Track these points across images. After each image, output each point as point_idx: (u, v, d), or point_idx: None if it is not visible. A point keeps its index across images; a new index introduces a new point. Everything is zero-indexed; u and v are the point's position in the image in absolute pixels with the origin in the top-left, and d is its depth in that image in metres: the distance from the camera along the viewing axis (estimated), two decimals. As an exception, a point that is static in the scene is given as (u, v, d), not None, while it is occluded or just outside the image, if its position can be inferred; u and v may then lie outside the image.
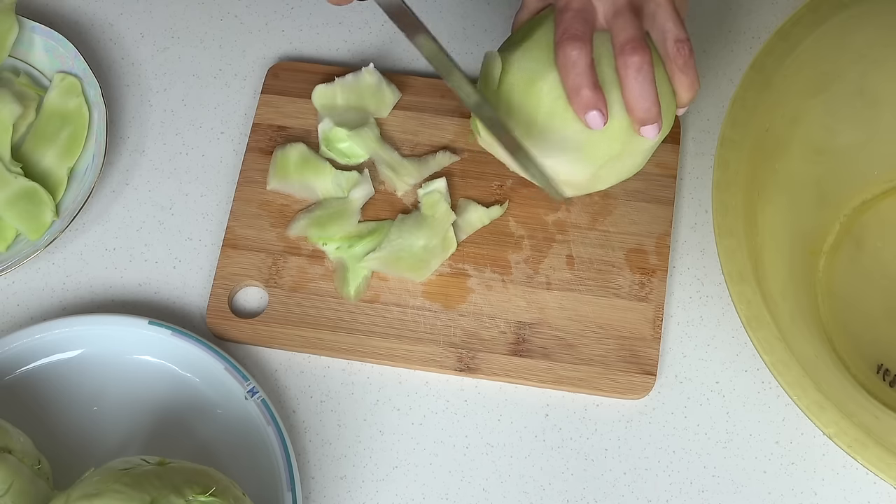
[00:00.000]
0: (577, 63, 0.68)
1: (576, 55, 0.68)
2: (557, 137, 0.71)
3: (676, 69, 0.70)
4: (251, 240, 0.82)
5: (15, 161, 0.84)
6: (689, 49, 0.70)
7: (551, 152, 0.72)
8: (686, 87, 0.71)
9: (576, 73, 0.68)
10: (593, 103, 0.68)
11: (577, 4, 0.70)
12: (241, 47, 0.91)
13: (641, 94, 0.69)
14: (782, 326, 0.65)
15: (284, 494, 0.72)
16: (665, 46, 0.70)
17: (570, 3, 0.70)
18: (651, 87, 0.69)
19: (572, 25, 0.69)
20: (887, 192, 0.80)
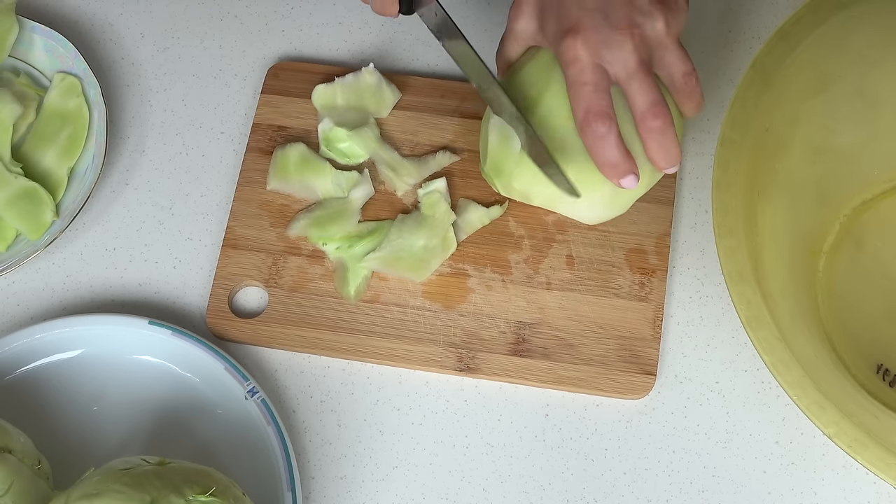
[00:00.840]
0: (608, 139, 0.68)
1: (605, 131, 0.68)
2: (586, 200, 0.74)
3: (684, 97, 0.72)
4: (251, 240, 0.82)
5: (15, 161, 0.84)
6: (695, 78, 0.71)
7: (581, 210, 0.75)
8: (691, 108, 0.73)
9: (608, 149, 0.69)
10: (629, 170, 0.70)
11: (590, 76, 0.68)
12: (241, 47, 0.91)
13: (666, 152, 0.70)
14: (782, 326, 0.65)
15: (284, 494, 0.72)
16: (673, 81, 0.71)
17: (583, 74, 0.68)
18: (674, 143, 0.70)
19: (594, 101, 0.68)
20: (887, 192, 0.80)
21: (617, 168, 0.70)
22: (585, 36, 0.68)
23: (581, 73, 0.68)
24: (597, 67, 0.68)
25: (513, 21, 0.74)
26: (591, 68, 0.68)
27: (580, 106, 0.69)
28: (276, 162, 0.84)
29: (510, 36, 0.75)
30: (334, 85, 0.85)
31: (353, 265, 0.80)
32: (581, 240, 0.81)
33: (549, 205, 0.76)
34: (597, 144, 0.69)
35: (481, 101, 0.85)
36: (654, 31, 0.69)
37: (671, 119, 0.69)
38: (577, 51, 0.68)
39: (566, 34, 0.69)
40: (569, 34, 0.68)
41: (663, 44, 0.70)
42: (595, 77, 0.68)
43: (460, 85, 0.86)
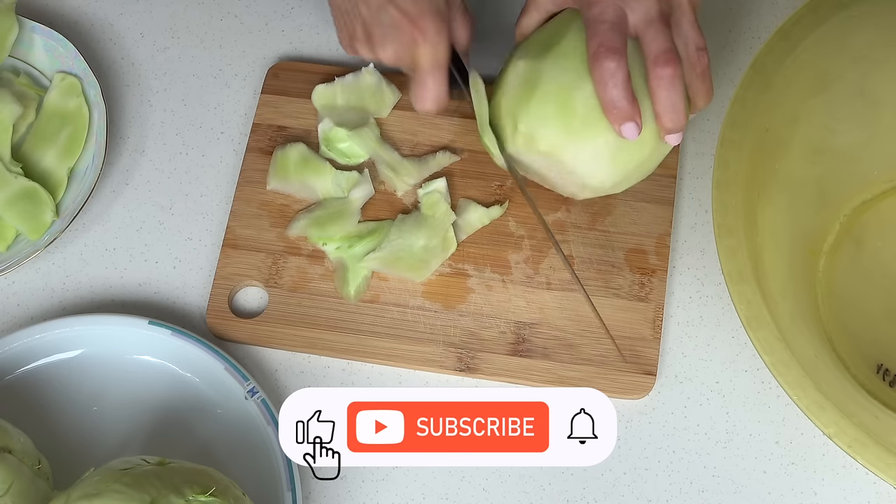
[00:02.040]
0: (616, 76, 0.68)
1: (614, 67, 0.68)
2: (590, 145, 0.71)
3: (695, 76, 0.71)
4: (251, 240, 0.82)
5: (15, 161, 0.84)
6: (707, 58, 0.71)
7: (583, 159, 0.72)
8: (702, 95, 0.72)
9: (613, 86, 0.68)
10: (630, 115, 0.69)
11: (611, 15, 0.69)
12: (241, 47, 0.91)
13: (672, 106, 0.70)
14: (782, 326, 0.65)
15: (284, 494, 0.72)
16: (687, 53, 0.71)
17: (603, 13, 0.69)
18: (681, 99, 0.69)
19: (608, 37, 0.68)
20: (887, 192, 0.80)
21: (620, 110, 0.69)
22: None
23: (602, 13, 0.69)
24: (618, 9, 0.69)
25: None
26: (613, 9, 0.69)
27: (594, 40, 0.69)
28: (276, 162, 0.84)
29: (530, 4, 0.75)
30: (334, 85, 0.85)
31: (353, 265, 0.80)
32: (581, 240, 0.81)
33: (555, 149, 0.72)
34: (604, 80, 0.69)
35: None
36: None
37: (681, 71, 0.69)
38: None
39: None
40: None
41: (683, 7, 0.70)
42: (614, 17, 0.69)
43: (460, 85, 0.86)
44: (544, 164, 0.74)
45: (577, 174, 0.73)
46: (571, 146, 0.71)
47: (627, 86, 0.68)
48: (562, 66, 0.71)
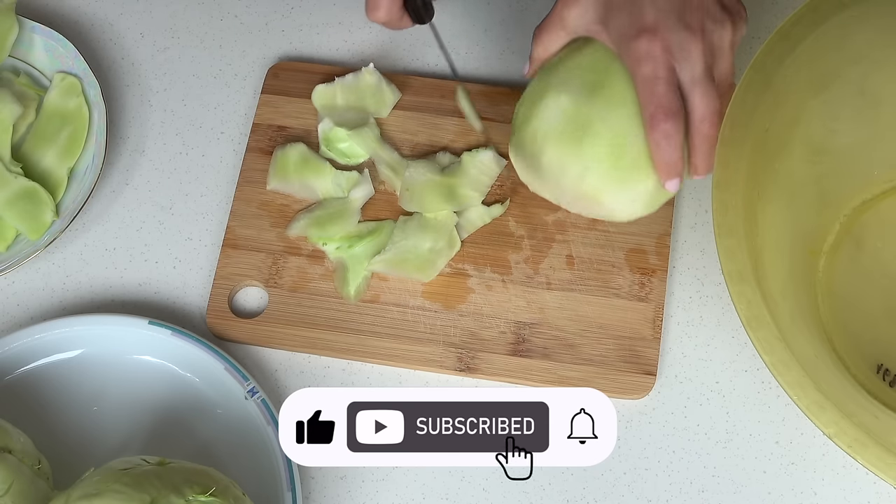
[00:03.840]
0: (673, 138, 0.69)
1: (672, 130, 0.69)
2: (632, 191, 0.72)
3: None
4: (251, 240, 0.82)
5: (15, 161, 0.84)
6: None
7: (621, 201, 0.73)
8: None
9: (670, 148, 0.69)
10: (679, 173, 0.70)
11: (664, 73, 0.68)
12: (241, 47, 0.91)
13: (710, 163, 0.70)
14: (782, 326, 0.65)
15: (284, 494, 0.72)
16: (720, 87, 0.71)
17: (657, 72, 0.68)
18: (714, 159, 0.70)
19: (666, 100, 0.68)
20: (887, 192, 0.80)
21: (672, 168, 0.70)
22: (663, 36, 0.68)
23: (655, 71, 0.68)
24: (669, 67, 0.69)
25: (565, 9, 0.73)
26: (665, 68, 0.69)
27: (652, 102, 0.69)
28: (276, 162, 0.84)
29: (558, 23, 0.74)
30: (334, 85, 0.85)
31: (353, 265, 0.80)
32: (581, 240, 0.81)
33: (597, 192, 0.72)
34: (662, 142, 0.69)
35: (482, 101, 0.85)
36: (721, 40, 0.70)
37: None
38: (653, 50, 0.68)
39: (641, 33, 0.68)
40: (645, 33, 0.68)
41: (724, 53, 0.70)
42: (668, 75, 0.69)
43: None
44: (576, 198, 0.74)
45: (606, 210, 0.74)
46: (614, 191, 0.72)
47: (682, 146, 0.69)
48: (613, 113, 0.71)
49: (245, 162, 0.85)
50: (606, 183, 0.72)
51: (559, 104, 0.71)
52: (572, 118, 0.71)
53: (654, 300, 0.79)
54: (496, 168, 0.83)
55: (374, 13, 0.74)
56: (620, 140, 0.70)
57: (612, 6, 0.71)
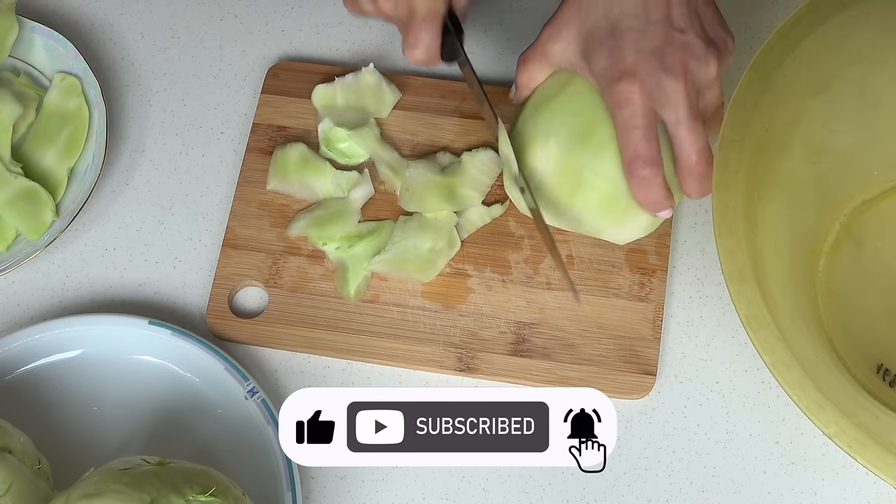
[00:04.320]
0: (653, 182, 0.70)
1: (650, 175, 0.69)
2: (630, 226, 0.75)
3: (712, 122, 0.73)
4: (251, 240, 0.82)
5: (15, 161, 0.84)
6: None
7: (621, 234, 0.76)
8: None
9: (651, 191, 0.70)
10: (668, 205, 0.72)
11: (642, 121, 0.68)
12: (241, 47, 0.91)
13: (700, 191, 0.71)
14: (782, 326, 0.65)
15: (284, 494, 0.72)
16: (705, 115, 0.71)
17: (634, 118, 0.68)
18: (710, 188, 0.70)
19: (643, 148, 0.69)
20: (887, 192, 0.80)
21: (658, 205, 0.71)
22: (642, 81, 0.68)
23: (633, 117, 0.68)
24: (649, 112, 0.68)
25: (549, 42, 0.73)
26: (643, 113, 0.68)
27: (629, 149, 0.69)
28: (276, 162, 0.84)
29: (541, 56, 0.74)
30: (334, 85, 0.85)
31: (354, 265, 0.80)
32: (581, 240, 0.81)
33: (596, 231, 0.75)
34: (642, 187, 0.70)
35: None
36: (706, 76, 0.69)
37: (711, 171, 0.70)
38: (632, 95, 0.68)
39: (622, 76, 0.68)
40: (625, 77, 0.68)
41: (710, 86, 0.70)
42: (646, 122, 0.68)
43: (460, 85, 0.86)
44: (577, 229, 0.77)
45: (606, 238, 0.77)
46: (612, 229, 0.75)
47: (664, 184, 0.70)
48: (603, 159, 0.71)
49: (245, 162, 0.85)
50: (604, 225, 0.74)
51: (548, 150, 0.73)
52: (563, 169, 0.73)
53: (654, 300, 0.79)
54: (496, 168, 0.83)
55: (412, 52, 0.75)
56: (611, 189, 0.72)
57: (593, 43, 0.70)
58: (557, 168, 0.73)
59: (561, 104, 0.73)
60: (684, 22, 0.69)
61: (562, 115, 0.73)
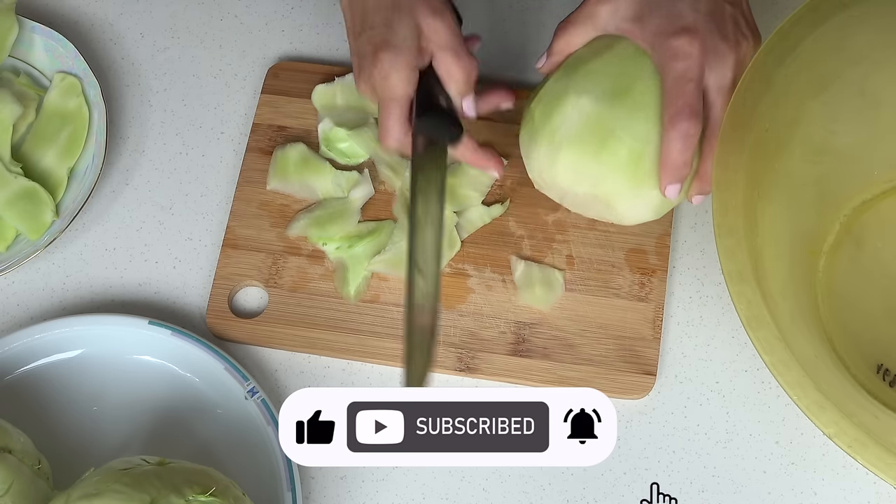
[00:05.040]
0: (690, 140, 0.68)
1: (692, 131, 0.68)
2: (647, 197, 0.71)
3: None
4: (251, 240, 0.82)
5: (15, 161, 0.84)
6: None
7: (635, 206, 0.72)
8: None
9: (684, 149, 0.69)
10: (682, 178, 0.70)
11: (696, 74, 0.68)
12: (241, 47, 0.91)
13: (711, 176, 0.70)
14: (782, 326, 0.65)
15: (284, 494, 0.72)
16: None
17: (689, 71, 0.68)
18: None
19: (693, 100, 0.68)
20: (887, 192, 0.80)
21: (679, 171, 0.69)
22: (702, 38, 0.68)
23: (689, 70, 0.68)
24: (702, 68, 0.69)
25: (598, 5, 0.72)
26: (699, 69, 0.68)
27: (679, 100, 0.68)
28: (276, 162, 0.84)
29: (587, 19, 0.73)
30: (334, 85, 0.85)
31: (354, 265, 0.80)
32: (581, 240, 0.81)
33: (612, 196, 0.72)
34: (678, 142, 0.68)
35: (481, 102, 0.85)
36: (746, 57, 0.70)
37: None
38: (692, 49, 0.68)
39: (682, 32, 0.68)
40: (685, 32, 0.68)
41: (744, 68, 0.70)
42: (699, 77, 0.68)
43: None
44: (587, 201, 0.73)
45: (617, 214, 0.73)
46: (628, 197, 0.72)
47: (692, 150, 0.69)
48: (636, 118, 0.70)
49: (245, 162, 0.85)
50: (622, 189, 0.71)
51: (581, 106, 0.70)
52: (594, 123, 0.70)
53: (654, 300, 0.79)
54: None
55: (382, 141, 0.74)
56: (640, 148, 0.70)
57: (648, 4, 0.70)
58: (588, 122, 0.70)
59: (600, 66, 0.71)
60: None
61: (599, 76, 0.71)
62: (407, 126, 0.72)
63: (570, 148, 0.71)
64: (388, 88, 0.71)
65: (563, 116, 0.71)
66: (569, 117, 0.71)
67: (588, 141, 0.70)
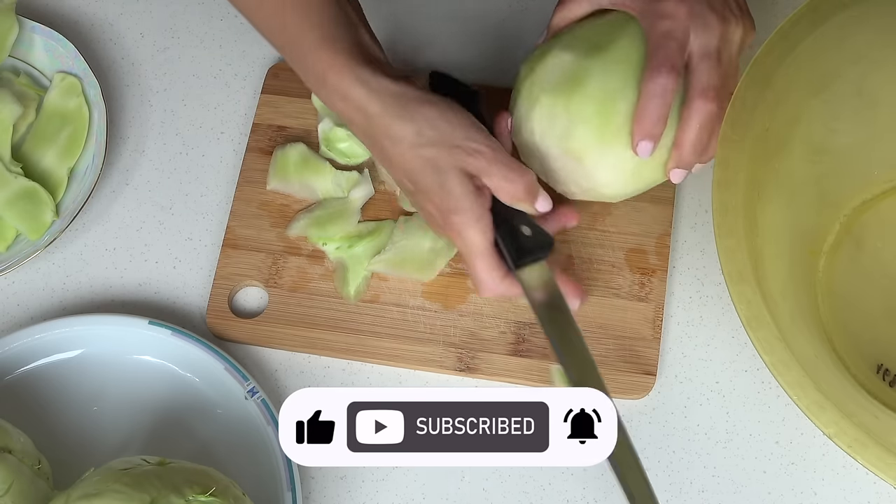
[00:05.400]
0: (665, 94, 0.69)
1: (668, 86, 0.69)
2: (617, 155, 0.71)
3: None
4: (251, 240, 0.82)
5: (15, 161, 0.84)
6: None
7: (605, 166, 0.72)
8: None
9: (658, 104, 0.69)
10: (653, 135, 0.69)
11: (680, 34, 0.69)
12: (241, 47, 0.91)
13: (698, 143, 0.70)
14: (782, 326, 0.65)
15: (284, 494, 0.72)
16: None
17: (674, 30, 0.69)
18: (710, 139, 0.70)
19: (675, 56, 0.69)
20: (887, 192, 0.80)
21: (652, 127, 0.69)
22: (690, 4, 0.69)
23: (674, 30, 0.69)
24: (686, 30, 0.69)
25: None
26: (683, 29, 0.69)
27: (660, 54, 0.69)
28: (275, 162, 0.84)
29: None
30: (334, 85, 0.85)
31: (354, 265, 0.80)
32: (581, 240, 0.81)
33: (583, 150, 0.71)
34: (654, 94, 0.69)
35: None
36: (734, 35, 0.71)
37: (722, 114, 0.69)
38: (678, 11, 0.69)
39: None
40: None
41: (733, 48, 0.71)
42: (682, 37, 0.69)
43: (460, 85, 0.86)
44: (560, 159, 0.73)
45: (591, 178, 0.73)
46: (598, 150, 0.71)
47: (668, 107, 0.69)
48: (611, 70, 0.70)
49: (245, 162, 0.85)
50: (591, 141, 0.71)
51: (560, 60, 0.72)
52: (569, 74, 0.71)
53: (654, 300, 0.79)
54: None
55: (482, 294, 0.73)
56: (612, 99, 0.70)
57: None
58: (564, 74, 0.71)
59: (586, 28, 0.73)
60: None
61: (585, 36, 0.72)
62: (501, 270, 0.71)
63: (544, 97, 0.71)
64: (470, 246, 0.70)
65: (542, 70, 0.72)
66: (547, 71, 0.72)
67: (560, 89, 0.71)
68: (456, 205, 0.69)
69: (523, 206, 0.71)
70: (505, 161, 0.70)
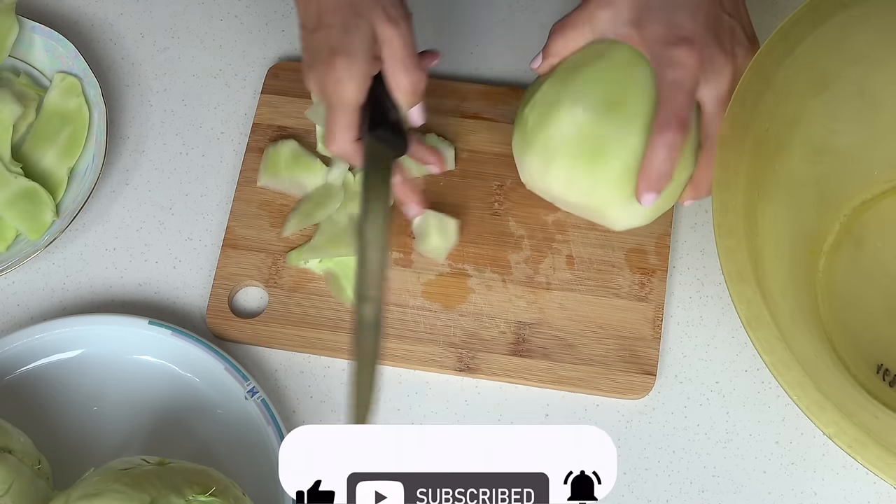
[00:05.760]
0: (673, 150, 0.68)
1: (677, 142, 0.68)
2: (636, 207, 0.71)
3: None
4: (251, 240, 0.82)
5: (15, 161, 0.84)
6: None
7: (625, 215, 0.72)
8: None
9: (666, 159, 0.68)
10: (658, 188, 0.69)
11: (690, 85, 0.68)
12: (241, 47, 0.91)
13: (706, 185, 0.71)
14: (782, 326, 0.65)
15: (284, 494, 0.72)
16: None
17: (684, 81, 0.68)
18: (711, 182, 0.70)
19: (684, 110, 0.68)
20: (887, 192, 0.80)
21: (657, 181, 0.69)
22: (700, 49, 0.68)
23: (684, 81, 0.68)
24: (697, 81, 0.69)
25: (598, 9, 0.71)
26: (693, 80, 0.68)
27: (670, 108, 0.68)
28: (266, 158, 0.84)
29: (586, 22, 0.72)
30: (334, 85, 0.85)
31: (344, 272, 0.80)
32: (581, 240, 0.81)
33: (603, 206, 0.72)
34: (661, 151, 0.68)
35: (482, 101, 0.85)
36: (743, 67, 0.70)
37: None
38: (689, 60, 0.68)
39: (680, 42, 0.68)
40: (684, 43, 0.68)
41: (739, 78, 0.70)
42: (692, 88, 0.69)
43: (460, 85, 0.86)
44: (578, 207, 0.74)
45: (607, 220, 0.74)
46: (620, 207, 0.72)
47: (674, 163, 0.69)
48: (631, 132, 0.70)
49: (245, 162, 0.85)
50: (614, 201, 0.71)
51: (575, 117, 0.70)
52: (587, 135, 0.70)
53: (654, 300, 0.79)
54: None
55: (328, 145, 0.73)
56: (633, 161, 0.70)
57: (648, 12, 0.70)
58: (581, 134, 0.70)
59: (594, 73, 0.71)
60: (732, 8, 0.70)
61: (594, 84, 0.71)
62: (354, 133, 0.72)
63: (564, 160, 0.71)
64: (340, 94, 0.71)
65: (557, 126, 0.71)
66: (563, 127, 0.70)
67: (581, 153, 0.70)
68: (351, 49, 0.69)
69: (402, 99, 0.72)
70: (410, 50, 0.71)
